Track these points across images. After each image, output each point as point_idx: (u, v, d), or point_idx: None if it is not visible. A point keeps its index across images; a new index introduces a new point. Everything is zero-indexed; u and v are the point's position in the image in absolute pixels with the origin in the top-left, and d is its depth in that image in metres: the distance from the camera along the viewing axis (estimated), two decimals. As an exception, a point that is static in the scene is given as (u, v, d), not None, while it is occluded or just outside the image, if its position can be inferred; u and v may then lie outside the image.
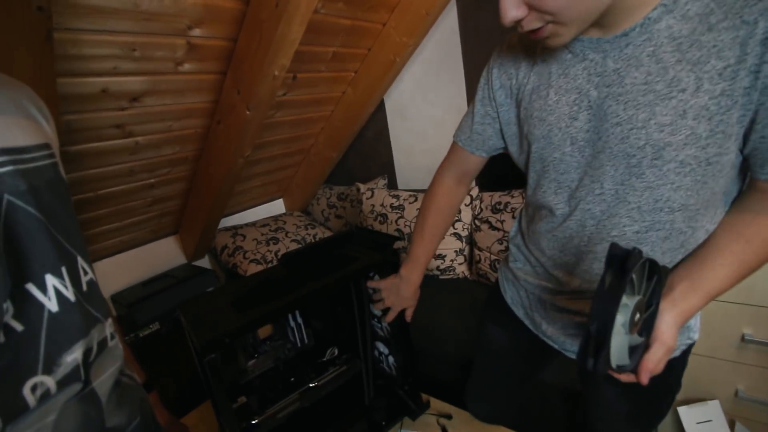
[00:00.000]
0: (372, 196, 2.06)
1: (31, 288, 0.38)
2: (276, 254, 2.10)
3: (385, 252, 0.99)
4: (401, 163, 2.26)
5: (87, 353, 0.43)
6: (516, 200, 1.65)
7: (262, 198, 2.43)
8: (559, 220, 0.65)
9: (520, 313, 0.85)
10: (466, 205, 1.79)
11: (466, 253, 1.84)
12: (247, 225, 2.26)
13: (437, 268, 1.84)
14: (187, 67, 1.26)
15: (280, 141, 1.99)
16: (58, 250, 0.42)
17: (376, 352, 1.09)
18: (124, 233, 1.80)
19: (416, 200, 1.94)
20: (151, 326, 1.77)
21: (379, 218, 2.02)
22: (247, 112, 1.38)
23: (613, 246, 0.42)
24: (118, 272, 1.87)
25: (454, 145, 0.82)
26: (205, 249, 2.15)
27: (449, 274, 1.85)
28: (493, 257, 1.66)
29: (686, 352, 0.69)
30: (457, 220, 1.80)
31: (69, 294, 0.41)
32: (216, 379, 0.75)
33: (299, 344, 1.03)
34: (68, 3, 0.92)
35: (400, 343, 1.02)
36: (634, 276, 0.43)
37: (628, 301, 0.44)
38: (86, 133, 1.23)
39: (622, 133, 0.53)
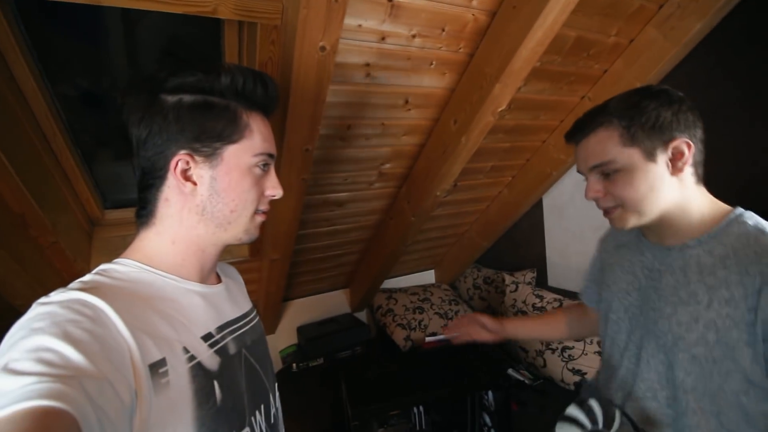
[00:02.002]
0: (516, 290, 2.16)
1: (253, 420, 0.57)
2: (420, 323, 2.40)
3: (499, 377, 1.16)
4: (554, 260, 2.28)
5: None
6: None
7: (417, 267, 2.81)
8: (611, 370, 0.81)
9: None
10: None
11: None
12: (400, 290, 2.65)
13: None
14: (376, 185, 1.73)
15: (438, 227, 2.33)
16: (263, 391, 0.59)
17: (482, 457, 1.24)
18: (313, 283, 2.42)
19: (560, 305, 1.95)
20: (318, 359, 2.29)
21: (518, 313, 2.10)
22: (412, 218, 1.77)
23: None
24: (304, 310, 2.49)
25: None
26: (365, 304, 2.63)
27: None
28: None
29: None
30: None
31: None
32: (354, 440, 1.05)
33: (417, 428, 1.27)
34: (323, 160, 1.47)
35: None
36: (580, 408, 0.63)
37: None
38: (309, 224, 1.82)
39: (655, 317, 0.71)
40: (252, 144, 0.57)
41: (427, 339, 1.46)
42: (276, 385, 0.68)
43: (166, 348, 0.46)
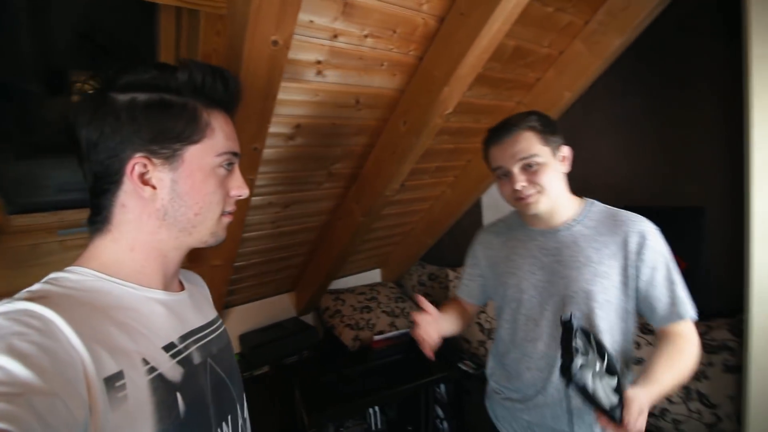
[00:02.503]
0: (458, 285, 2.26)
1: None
2: (368, 322, 2.41)
3: (451, 369, 1.20)
4: (490, 255, 2.42)
5: None
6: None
7: (364, 267, 2.81)
8: (531, 345, 0.95)
9: None
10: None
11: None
12: (347, 290, 2.63)
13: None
14: (325, 185, 1.70)
15: (385, 227, 2.35)
16: (230, 401, 0.58)
17: (436, 449, 1.27)
18: (256, 288, 2.31)
19: (499, 297, 2.07)
20: (263, 368, 2.19)
21: (462, 307, 2.19)
22: (361, 218, 1.76)
23: (564, 321, 0.74)
24: (247, 317, 2.37)
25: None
26: (312, 307, 2.57)
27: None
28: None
29: None
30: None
31: None
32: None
33: (373, 428, 1.27)
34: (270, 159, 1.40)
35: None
36: (578, 337, 0.72)
37: (585, 357, 0.71)
38: (253, 227, 1.73)
39: (565, 283, 0.90)
40: (214, 143, 0.54)
41: (376, 338, 1.47)
42: (244, 394, 0.65)
43: (124, 360, 0.44)
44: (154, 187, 0.51)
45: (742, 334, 1.25)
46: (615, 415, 0.69)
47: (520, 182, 0.88)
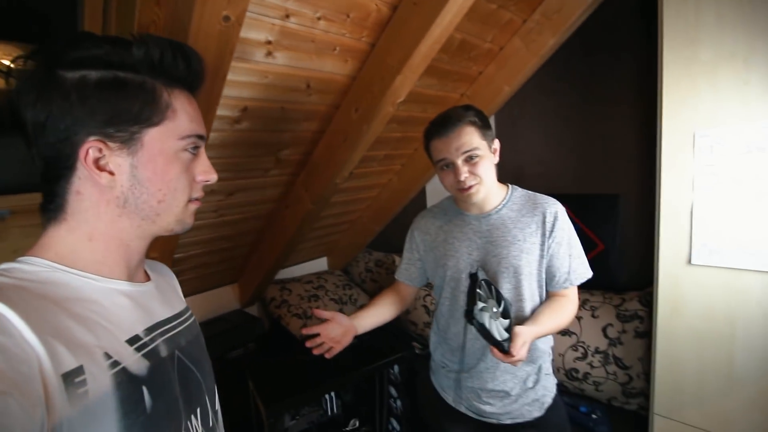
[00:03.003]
0: (405, 270, 2.33)
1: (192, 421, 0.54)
2: (315, 311, 2.40)
3: (404, 349, 1.24)
4: (434, 241, 2.53)
5: None
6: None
7: (310, 256, 2.77)
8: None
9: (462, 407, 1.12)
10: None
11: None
12: (293, 280, 2.59)
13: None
14: (272, 172, 1.64)
15: (333, 215, 2.34)
16: (199, 394, 0.56)
17: (390, 427, 1.32)
18: (197, 281, 2.18)
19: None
20: (205, 363, 2.09)
21: (408, 292, 2.26)
22: (311, 206, 1.74)
23: (471, 274, 0.93)
24: (186, 312, 2.24)
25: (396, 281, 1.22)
26: (256, 298, 2.50)
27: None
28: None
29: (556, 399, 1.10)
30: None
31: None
32: (268, 436, 1.01)
33: (329, 413, 1.29)
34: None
35: (411, 421, 1.25)
36: (481, 287, 0.91)
37: (485, 303, 0.91)
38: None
39: (498, 260, 1.00)
40: (176, 126, 0.51)
41: (304, 331, 1.46)
42: (215, 387, 0.64)
43: (84, 355, 0.41)
44: (111, 173, 0.48)
45: (650, 304, 1.45)
46: (504, 347, 0.85)
47: (464, 173, 0.95)
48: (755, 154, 1.08)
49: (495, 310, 0.90)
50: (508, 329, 0.88)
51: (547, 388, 1.08)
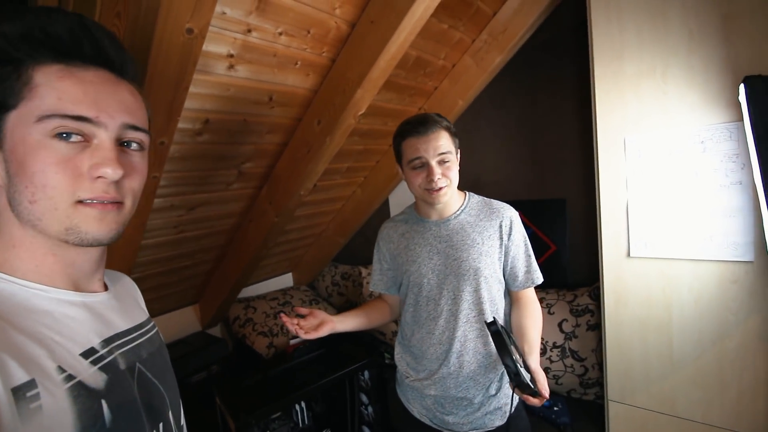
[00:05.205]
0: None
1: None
2: (282, 328, 2.35)
3: (374, 355, 1.26)
4: (399, 251, 2.57)
5: None
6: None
7: (275, 272, 2.73)
8: (433, 322, 1.07)
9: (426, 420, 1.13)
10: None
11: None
12: (258, 297, 2.53)
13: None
14: (234, 186, 1.63)
15: (297, 229, 2.33)
16: (163, 408, 0.54)
17: (363, 435, 1.32)
18: (155, 302, 2.08)
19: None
20: (165, 389, 1.98)
21: (375, 302, 2.29)
22: (275, 219, 1.73)
23: (489, 324, 0.84)
24: (143, 336, 2.12)
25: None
26: (219, 319, 2.41)
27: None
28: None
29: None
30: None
31: None
32: (240, 453, 0.99)
33: (301, 425, 1.27)
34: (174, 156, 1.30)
35: (383, 427, 1.26)
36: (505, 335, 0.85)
37: (513, 351, 0.84)
38: (152, 232, 1.57)
39: (458, 264, 1.03)
40: (34, 106, 0.42)
41: (292, 342, 1.46)
42: (180, 401, 0.61)
43: (35, 369, 0.39)
44: None
45: (599, 298, 1.57)
46: (533, 389, 0.82)
47: (438, 174, 0.97)
48: (676, 155, 1.23)
49: (516, 357, 0.83)
50: (525, 366, 0.86)
51: (509, 396, 1.08)
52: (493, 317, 0.87)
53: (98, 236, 0.46)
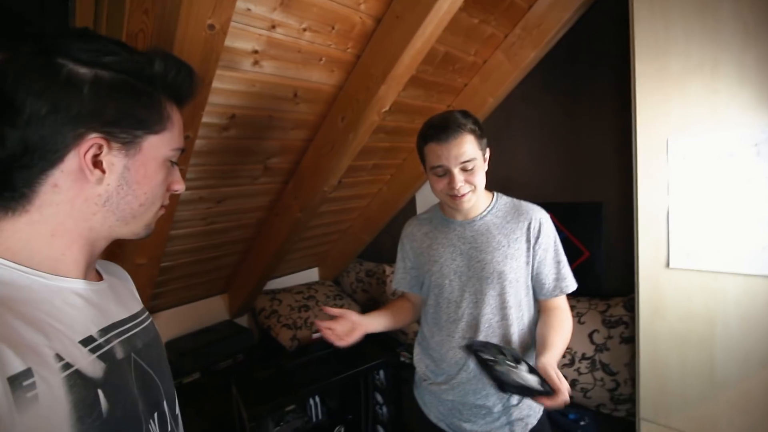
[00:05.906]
0: (395, 279, 2.33)
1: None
2: (305, 321, 2.39)
3: (389, 355, 1.24)
4: (424, 250, 2.54)
5: None
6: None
7: (301, 266, 2.77)
8: (453, 325, 1.04)
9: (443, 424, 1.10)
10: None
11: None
12: (284, 290, 2.58)
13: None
14: (261, 180, 1.67)
15: (323, 224, 2.35)
16: (158, 398, 0.55)
17: (376, 435, 1.31)
18: (185, 290, 2.17)
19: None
20: (192, 375, 2.06)
21: (398, 301, 2.27)
22: (299, 214, 1.75)
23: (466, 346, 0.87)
24: (174, 323, 2.22)
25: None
26: (246, 309, 2.48)
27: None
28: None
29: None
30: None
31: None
32: (251, 443, 1.00)
33: (314, 419, 1.28)
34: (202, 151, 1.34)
35: (397, 428, 1.24)
36: (484, 352, 0.84)
37: (501, 364, 0.83)
38: (182, 223, 1.64)
39: (481, 266, 1.00)
40: (172, 137, 0.55)
41: (314, 336, 1.47)
42: (174, 391, 0.62)
43: (32, 357, 0.39)
44: (104, 171, 0.48)
45: (633, 309, 1.47)
46: (546, 389, 0.78)
47: (460, 182, 0.94)
48: (725, 159, 1.12)
49: (510, 363, 0.84)
50: (531, 369, 0.84)
51: (532, 408, 1.04)
52: (468, 340, 0.87)
53: (152, 231, 0.58)
